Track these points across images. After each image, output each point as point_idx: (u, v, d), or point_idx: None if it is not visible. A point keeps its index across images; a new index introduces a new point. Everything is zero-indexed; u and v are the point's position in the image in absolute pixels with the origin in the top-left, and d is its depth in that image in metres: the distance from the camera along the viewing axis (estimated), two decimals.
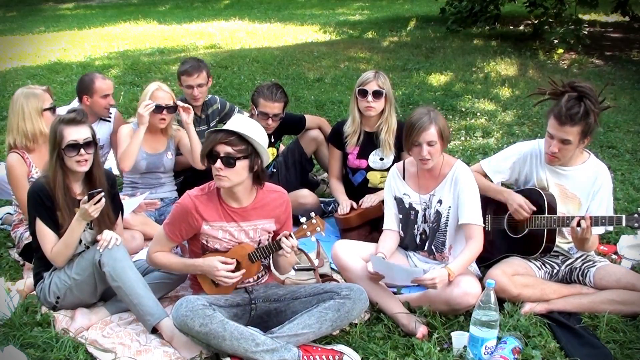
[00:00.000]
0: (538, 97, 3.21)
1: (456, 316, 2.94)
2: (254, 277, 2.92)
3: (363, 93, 3.80)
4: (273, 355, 2.53)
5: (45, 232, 2.92)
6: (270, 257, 2.94)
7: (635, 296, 2.95)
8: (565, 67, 8.80)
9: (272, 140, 4.19)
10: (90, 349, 2.75)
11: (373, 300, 2.98)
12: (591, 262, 3.17)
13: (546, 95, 3.08)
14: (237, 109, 4.74)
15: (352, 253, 3.11)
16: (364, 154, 3.97)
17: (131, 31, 12.00)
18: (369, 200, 3.85)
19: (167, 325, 2.77)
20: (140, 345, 2.78)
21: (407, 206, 3.19)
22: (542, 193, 3.10)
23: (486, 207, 3.26)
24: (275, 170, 4.31)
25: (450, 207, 3.07)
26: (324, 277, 3.33)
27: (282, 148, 4.58)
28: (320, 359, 2.61)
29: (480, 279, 3.08)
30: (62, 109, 3.85)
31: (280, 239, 2.73)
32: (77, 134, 2.88)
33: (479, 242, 2.98)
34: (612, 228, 3.32)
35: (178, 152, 4.16)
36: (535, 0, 9.92)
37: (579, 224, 2.87)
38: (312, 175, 4.70)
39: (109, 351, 2.74)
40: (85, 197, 2.80)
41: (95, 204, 2.79)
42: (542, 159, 3.15)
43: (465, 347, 2.68)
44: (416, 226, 3.19)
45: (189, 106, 3.98)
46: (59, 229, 2.91)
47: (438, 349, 2.70)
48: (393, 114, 3.89)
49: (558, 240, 3.14)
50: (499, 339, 2.66)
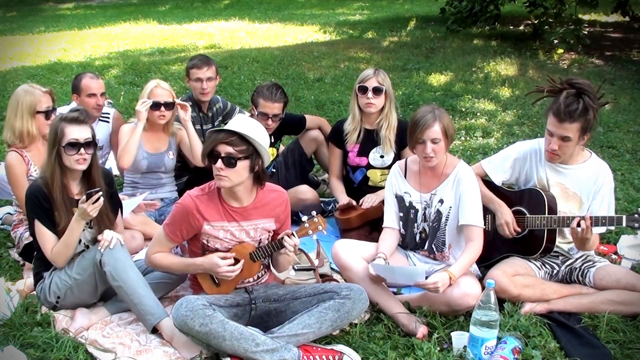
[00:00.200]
0: (536, 96, 3.21)
1: (456, 316, 2.94)
2: (254, 277, 2.93)
3: (363, 90, 3.80)
4: (273, 355, 2.54)
5: (44, 234, 2.92)
6: (270, 256, 2.94)
7: (635, 296, 2.95)
8: (565, 67, 8.79)
9: (272, 140, 4.18)
10: (90, 349, 2.75)
11: (373, 300, 2.98)
12: (591, 263, 3.17)
13: (544, 92, 3.08)
14: (238, 108, 4.75)
15: (352, 253, 3.11)
16: (364, 151, 3.97)
17: (131, 31, 12.01)
18: (369, 200, 3.84)
19: (168, 325, 2.77)
20: (140, 345, 2.78)
21: (407, 205, 3.19)
22: (542, 193, 3.09)
23: (486, 207, 3.26)
24: (275, 170, 4.31)
25: (451, 207, 3.07)
26: (324, 277, 3.32)
27: (282, 148, 4.58)
28: (320, 359, 2.61)
29: (480, 279, 3.08)
30: (62, 108, 3.85)
31: (282, 238, 2.74)
32: (79, 133, 2.88)
33: (478, 244, 2.98)
34: (612, 228, 3.31)
35: (180, 151, 4.15)
36: (535, 0, 9.92)
37: (579, 224, 2.87)
38: (312, 176, 4.70)
39: (109, 351, 2.74)
40: (84, 197, 2.81)
41: (93, 203, 2.79)
42: (543, 158, 3.15)
43: (465, 347, 2.68)
44: (416, 225, 3.19)
45: (186, 104, 3.98)
46: (57, 229, 2.91)
47: (438, 349, 2.70)
48: (393, 111, 3.90)
49: (558, 240, 3.14)
50: (499, 339, 2.66)
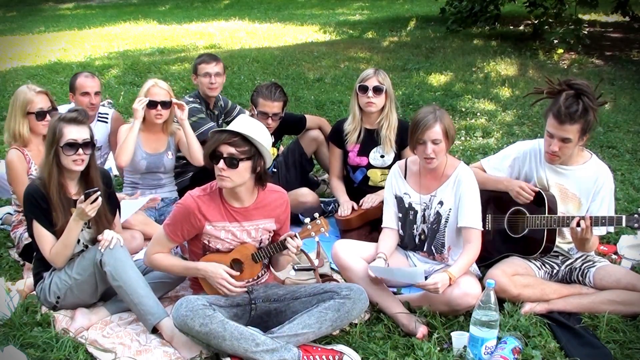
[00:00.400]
0: (535, 97, 3.21)
1: (456, 316, 2.94)
2: (254, 277, 2.93)
3: (363, 89, 3.81)
4: (273, 355, 2.54)
5: (43, 234, 2.91)
6: (271, 257, 2.94)
7: (635, 296, 2.95)
8: (565, 67, 8.79)
9: (273, 140, 4.17)
10: (90, 349, 2.75)
11: (373, 300, 2.98)
12: (591, 263, 3.17)
13: (544, 94, 3.08)
14: (238, 107, 4.75)
15: (352, 253, 3.11)
16: (364, 151, 3.97)
17: (131, 31, 12.00)
18: (369, 200, 3.84)
19: (168, 325, 2.77)
20: (140, 345, 2.78)
21: (406, 206, 3.19)
22: (542, 193, 3.09)
23: (487, 206, 3.26)
24: (275, 170, 4.31)
25: (450, 209, 3.07)
26: (324, 277, 3.32)
27: (282, 148, 4.58)
28: (320, 359, 2.61)
29: (480, 279, 3.08)
30: (62, 108, 3.85)
31: (285, 239, 2.74)
32: (77, 133, 2.88)
33: (477, 246, 2.98)
34: (612, 229, 3.31)
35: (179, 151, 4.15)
36: (535, 0, 9.91)
37: (578, 224, 2.87)
38: (312, 176, 4.69)
39: (109, 351, 2.74)
40: (82, 197, 2.80)
41: (91, 203, 2.79)
42: (543, 158, 3.15)
43: (465, 347, 2.68)
44: (415, 226, 3.19)
45: (183, 103, 3.98)
46: (55, 229, 2.90)
47: (438, 349, 2.70)
48: (394, 111, 3.90)
49: (558, 240, 3.14)
50: (499, 339, 2.66)
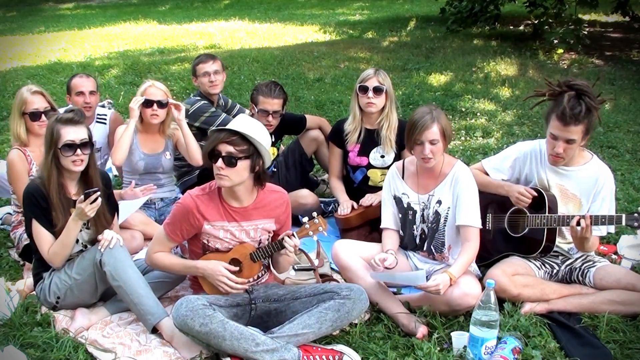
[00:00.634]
0: (536, 99, 3.21)
1: (456, 316, 2.94)
2: (254, 277, 2.93)
3: (364, 89, 3.81)
4: (273, 355, 2.54)
5: (41, 233, 2.91)
6: (270, 257, 2.94)
7: (635, 296, 2.95)
8: (565, 67, 8.79)
9: (273, 139, 4.18)
10: (90, 349, 2.75)
11: (373, 300, 2.98)
12: (591, 262, 3.17)
13: (545, 96, 3.07)
14: (238, 106, 4.75)
15: (352, 253, 3.11)
16: (364, 151, 3.97)
17: (131, 31, 12.00)
18: (369, 199, 3.84)
19: (168, 325, 2.77)
20: (140, 345, 2.78)
21: (405, 206, 3.19)
22: (542, 193, 3.09)
23: (487, 206, 3.26)
24: (275, 170, 4.31)
25: (449, 208, 3.07)
26: (324, 277, 3.32)
27: (282, 148, 4.58)
28: (320, 359, 2.61)
29: (480, 279, 3.08)
30: (63, 110, 3.84)
31: (283, 239, 2.74)
32: (74, 134, 2.87)
33: (475, 244, 2.98)
34: (612, 229, 3.31)
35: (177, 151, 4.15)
36: (535, 0, 9.91)
37: (578, 223, 2.87)
38: (312, 176, 4.69)
39: (109, 351, 2.74)
40: (82, 197, 2.80)
41: (91, 203, 2.79)
42: (544, 159, 3.15)
43: (465, 347, 2.68)
44: (414, 226, 3.19)
45: (180, 104, 3.98)
46: (54, 229, 2.90)
47: (438, 349, 2.70)
48: (394, 111, 3.90)
49: (558, 240, 3.14)
50: (499, 339, 2.66)
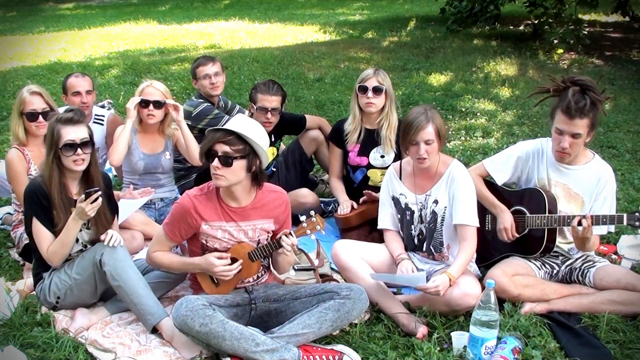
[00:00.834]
0: (539, 97, 3.21)
1: (456, 316, 2.94)
2: (254, 277, 2.92)
3: (363, 89, 3.81)
4: (273, 355, 2.53)
5: (41, 232, 2.91)
6: (270, 257, 2.94)
7: (635, 296, 2.95)
8: (565, 67, 8.79)
9: (273, 139, 4.19)
10: (90, 349, 2.75)
11: (373, 300, 2.98)
12: (591, 263, 3.17)
13: (550, 92, 3.08)
14: (238, 107, 4.75)
15: (352, 253, 3.11)
16: (364, 151, 3.96)
17: (131, 31, 12.00)
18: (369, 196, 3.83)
19: (168, 325, 2.77)
20: (140, 345, 2.78)
21: (403, 206, 3.19)
22: (543, 193, 3.09)
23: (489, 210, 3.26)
24: (275, 169, 4.31)
25: (445, 207, 3.07)
26: (324, 277, 3.32)
27: (282, 148, 4.58)
28: (320, 359, 2.61)
29: (480, 279, 3.08)
30: (62, 109, 3.85)
31: (280, 237, 2.74)
32: (75, 133, 2.87)
33: (473, 243, 2.98)
34: (613, 228, 3.31)
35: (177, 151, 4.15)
36: (535, 0, 9.92)
37: (579, 223, 2.87)
38: (312, 176, 4.69)
39: (109, 351, 2.74)
40: (82, 196, 2.80)
41: (92, 202, 2.79)
42: (545, 158, 3.15)
43: (465, 347, 2.68)
44: (413, 227, 3.18)
45: (178, 104, 3.98)
46: (55, 229, 2.90)
47: (438, 349, 2.70)
48: (394, 111, 3.90)
49: (558, 240, 3.14)
50: (499, 339, 2.66)
